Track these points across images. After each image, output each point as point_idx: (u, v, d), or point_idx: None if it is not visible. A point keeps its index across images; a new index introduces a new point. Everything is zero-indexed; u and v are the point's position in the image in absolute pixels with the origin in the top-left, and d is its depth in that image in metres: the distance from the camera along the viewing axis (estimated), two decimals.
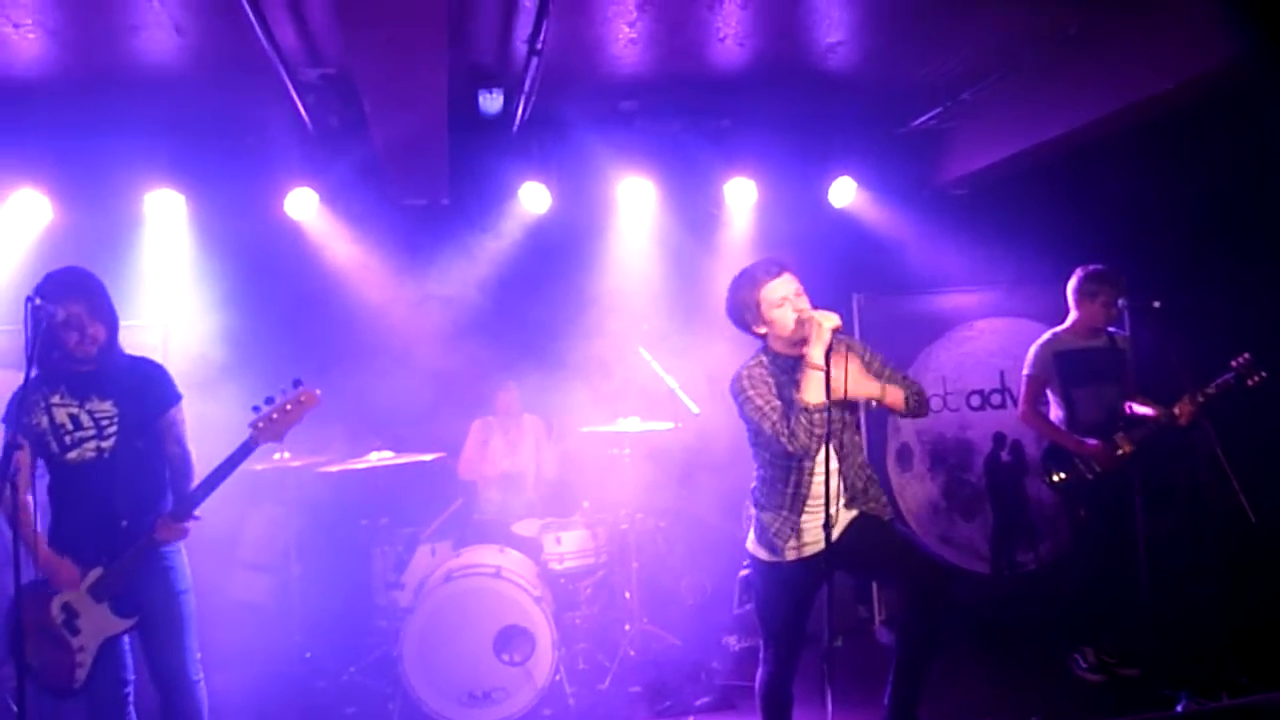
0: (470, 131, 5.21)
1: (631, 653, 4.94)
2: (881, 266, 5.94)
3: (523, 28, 4.15)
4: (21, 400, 3.17)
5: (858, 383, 3.12)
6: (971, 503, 5.89)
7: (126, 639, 3.31)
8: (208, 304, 5.16)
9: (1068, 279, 4.67)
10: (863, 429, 4.72)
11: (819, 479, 3.14)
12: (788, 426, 3.04)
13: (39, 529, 3.15)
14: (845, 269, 5.78)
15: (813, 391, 3.01)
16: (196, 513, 3.22)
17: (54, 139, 4.97)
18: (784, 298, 3.13)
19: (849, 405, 3.23)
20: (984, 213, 5.89)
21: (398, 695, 4.43)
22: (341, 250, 5.53)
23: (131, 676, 3.35)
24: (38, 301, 2.97)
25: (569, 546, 4.96)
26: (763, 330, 3.22)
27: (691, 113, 5.33)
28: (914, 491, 5.90)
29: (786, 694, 3.36)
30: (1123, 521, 4.57)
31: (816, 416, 3.00)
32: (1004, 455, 5.65)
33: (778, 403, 3.10)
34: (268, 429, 3.23)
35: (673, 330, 5.55)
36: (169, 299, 5.13)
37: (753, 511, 3.36)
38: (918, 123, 5.51)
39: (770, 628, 3.33)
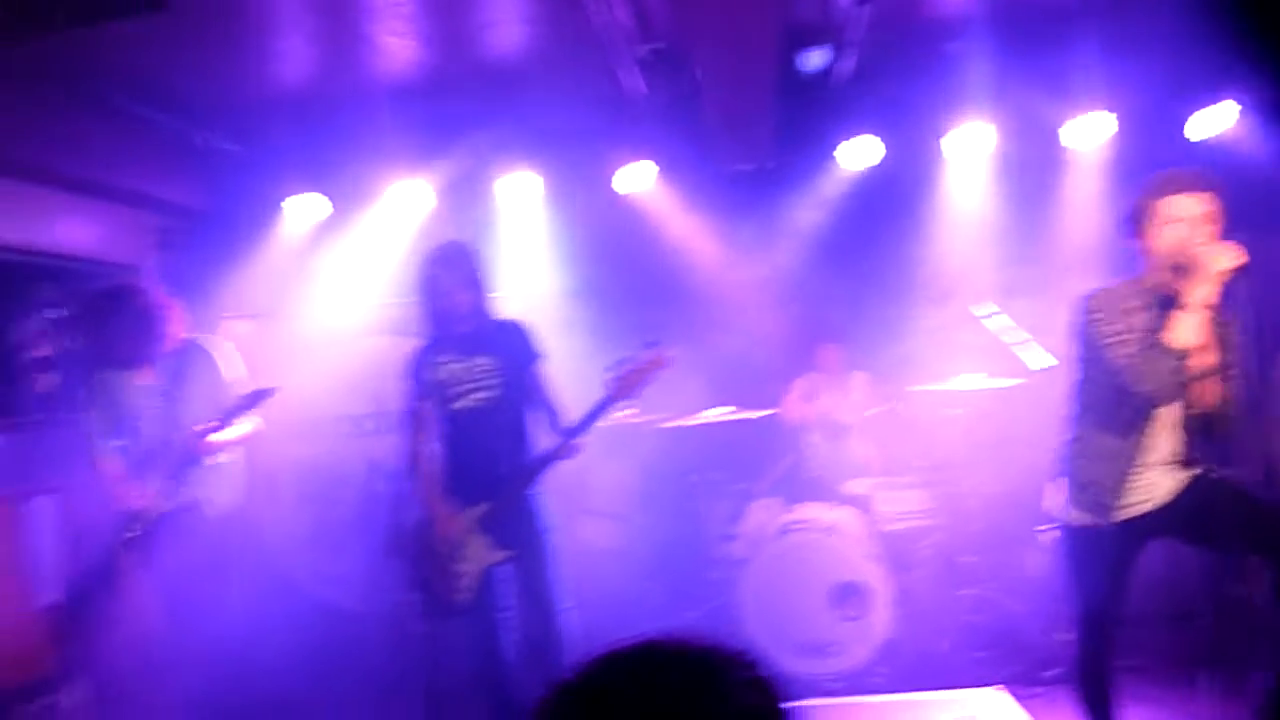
0: (791, 92, 5.22)
1: (972, 617, 4.78)
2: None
3: None
4: (420, 359, 3.75)
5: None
6: None
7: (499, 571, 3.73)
8: (559, 273, 5.60)
9: None
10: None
11: (1160, 432, 2.83)
12: (1141, 363, 2.73)
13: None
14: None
15: (1182, 331, 2.69)
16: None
17: (427, 134, 5.57)
18: (1186, 217, 2.79)
19: (1221, 354, 2.85)
20: None
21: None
22: (676, 218, 5.77)
23: (505, 604, 3.74)
24: (431, 272, 3.43)
25: (902, 506, 4.89)
26: (1144, 245, 2.89)
27: (1025, 47, 4.96)
28: None
29: (1106, 678, 3.05)
30: None
31: (1176, 363, 2.68)
32: None
33: (1132, 335, 2.78)
34: (623, 386, 3.48)
35: (1017, 284, 5.22)
36: (528, 271, 5.65)
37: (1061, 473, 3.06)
38: None
39: (1086, 603, 3.02)
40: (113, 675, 4.70)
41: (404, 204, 5.82)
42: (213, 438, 4.01)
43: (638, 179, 5.65)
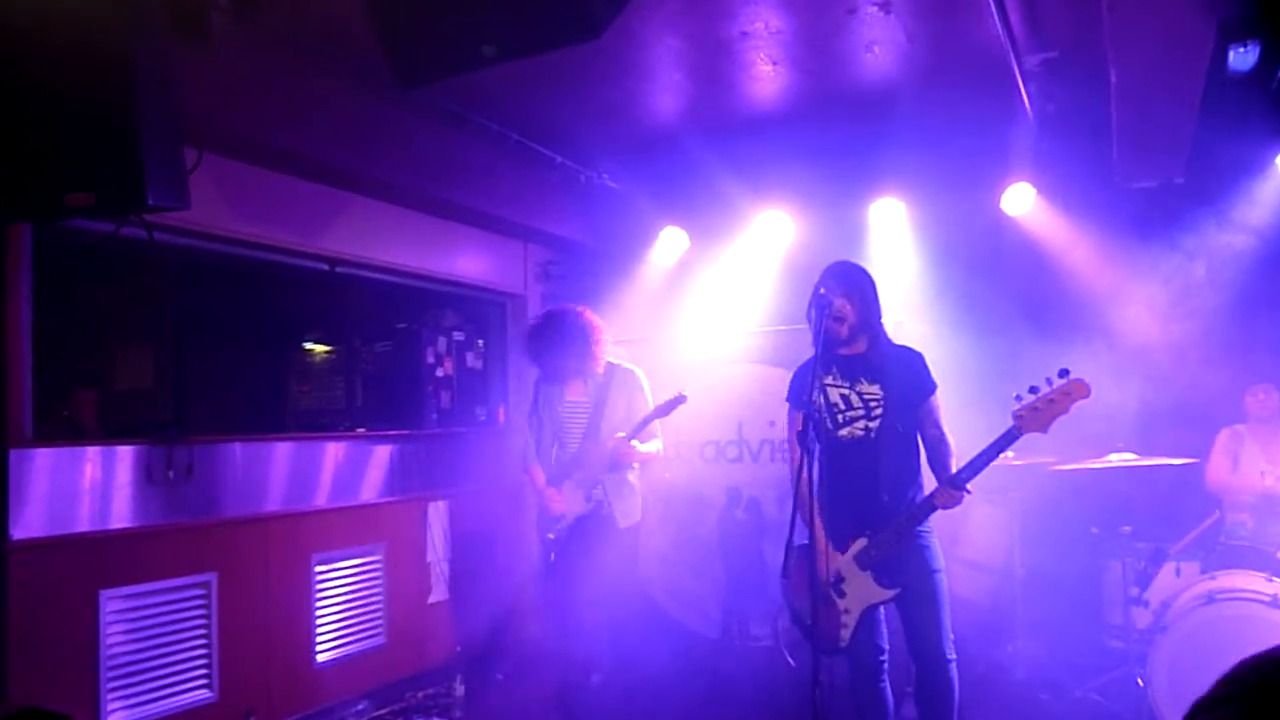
0: (1212, 96, 4.61)
1: None
2: None
3: None
4: (803, 380, 3.64)
5: None
6: None
7: (883, 610, 3.53)
8: (932, 303, 5.36)
9: None
10: None
11: None
12: None
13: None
14: None
15: None
16: (968, 487, 3.29)
17: (790, 163, 5.60)
18: None
19: None
20: None
21: None
22: (1061, 242, 5.31)
23: (886, 646, 3.55)
24: (822, 291, 3.36)
25: None
26: None
27: None
28: None
29: None
30: None
31: None
32: None
33: None
34: (1031, 418, 3.19)
35: None
36: (899, 295, 5.44)
37: None
38: None
39: None
40: (506, 667, 5.10)
41: (769, 233, 5.87)
42: (636, 447, 4.41)
43: (1020, 200, 5.33)
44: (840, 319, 3.46)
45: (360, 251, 5.12)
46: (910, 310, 5.22)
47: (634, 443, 4.42)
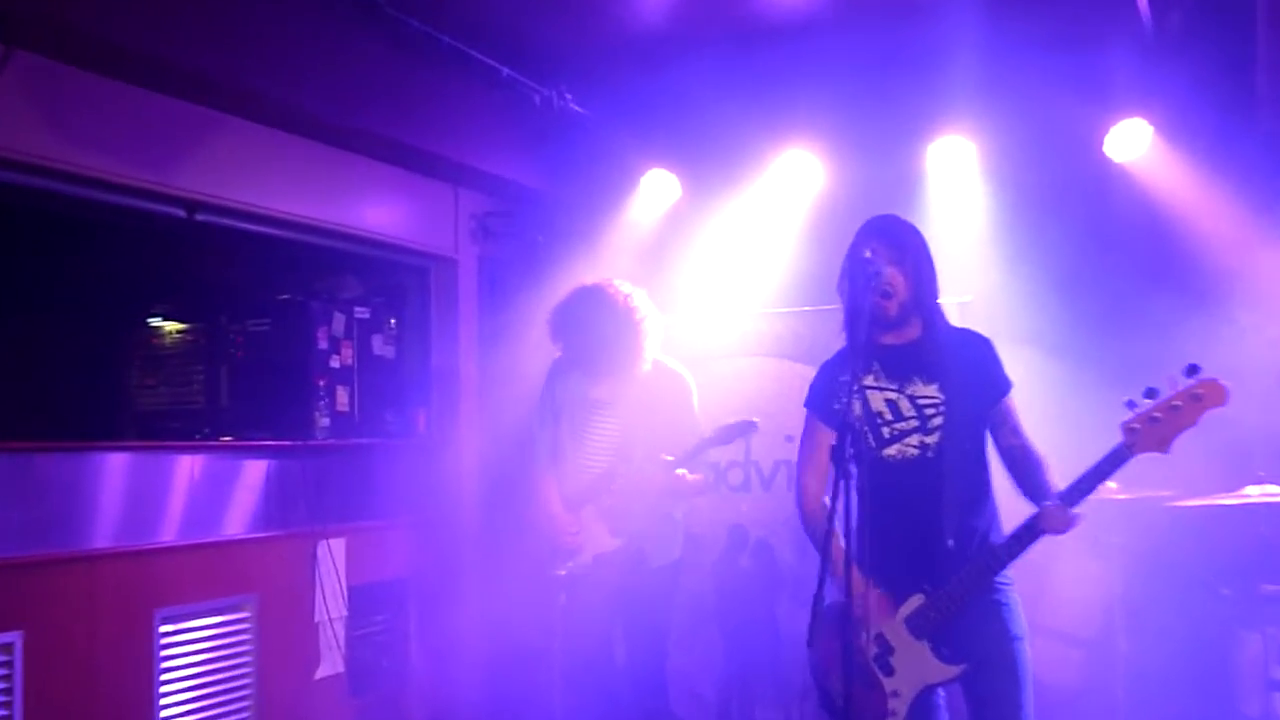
0: None
1: None
2: None
3: None
4: (832, 380, 3.61)
5: None
6: None
7: (943, 693, 3.50)
8: (1011, 270, 5.38)
9: None
10: None
11: None
12: None
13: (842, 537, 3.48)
14: None
15: None
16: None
17: (821, 85, 5.57)
18: None
19: None
20: None
21: None
22: (1186, 197, 5.34)
23: None
24: (867, 254, 3.33)
25: None
26: None
27: None
28: None
29: None
30: None
31: None
32: None
33: None
34: (1148, 433, 3.16)
35: None
36: (963, 265, 5.43)
37: None
38: None
39: None
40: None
41: (790, 180, 5.85)
42: (686, 476, 4.49)
43: (1131, 141, 5.37)
44: (889, 294, 3.43)
45: (229, 193, 5.06)
46: (977, 285, 5.21)
47: (680, 471, 4.50)
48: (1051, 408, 4.10)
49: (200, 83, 4.69)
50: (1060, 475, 3.33)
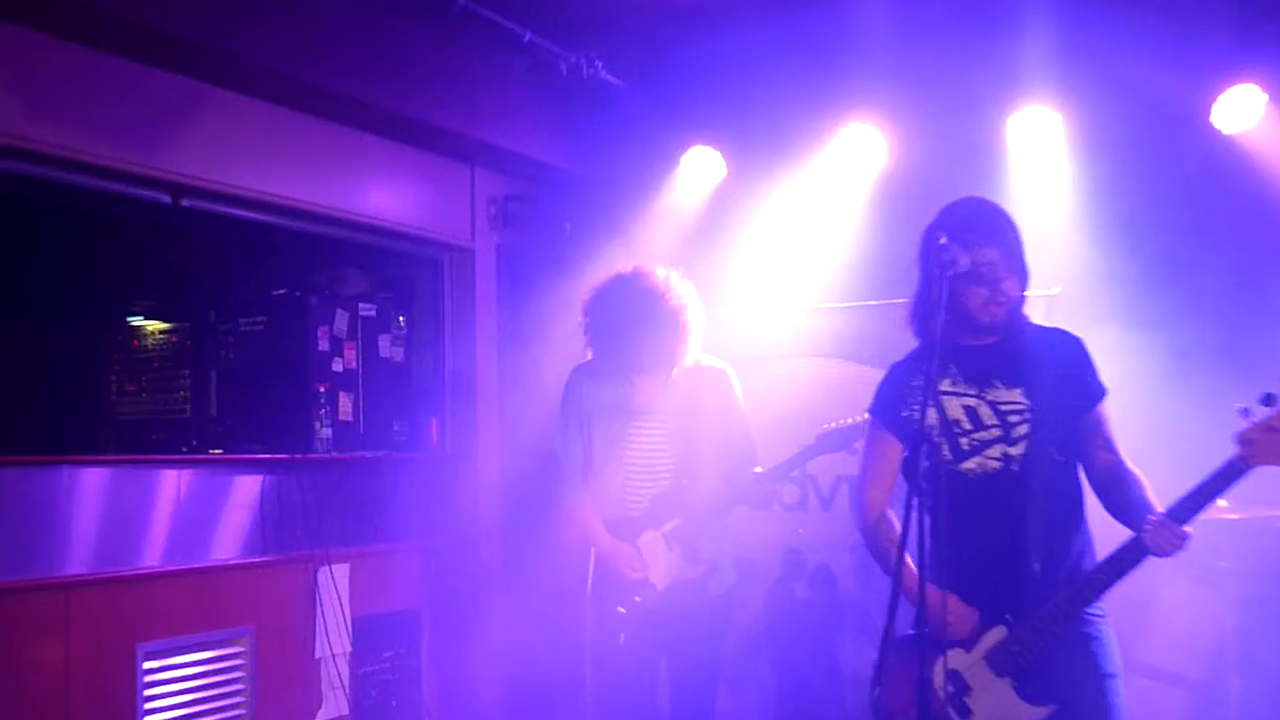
0: None
1: None
2: None
3: None
4: (902, 385, 3.57)
5: None
6: None
7: None
8: (1104, 258, 5.33)
9: None
10: None
11: None
12: None
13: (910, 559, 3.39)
14: None
15: None
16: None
17: (886, 50, 5.50)
18: None
19: None
20: None
21: None
22: None
23: None
24: (943, 240, 3.20)
25: None
26: None
27: None
28: None
29: None
30: None
31: None
32: None
33: None
34: (1267, 443, 3.05)
35: None
36: (1049, 252, 5.36)
37: None
38: None
39: None
40: None
41: (851, 157, 5.81)
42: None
43: (1242, 109, 5.28)
44: (980, 286, 3.35)
45: (219, 176, 5.09)
46: (1065, 275, 5.17)
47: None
48: (1152, 417, 4.09)
49: (185, 51, 4.69)
50: (1162, 495, 3.26)
